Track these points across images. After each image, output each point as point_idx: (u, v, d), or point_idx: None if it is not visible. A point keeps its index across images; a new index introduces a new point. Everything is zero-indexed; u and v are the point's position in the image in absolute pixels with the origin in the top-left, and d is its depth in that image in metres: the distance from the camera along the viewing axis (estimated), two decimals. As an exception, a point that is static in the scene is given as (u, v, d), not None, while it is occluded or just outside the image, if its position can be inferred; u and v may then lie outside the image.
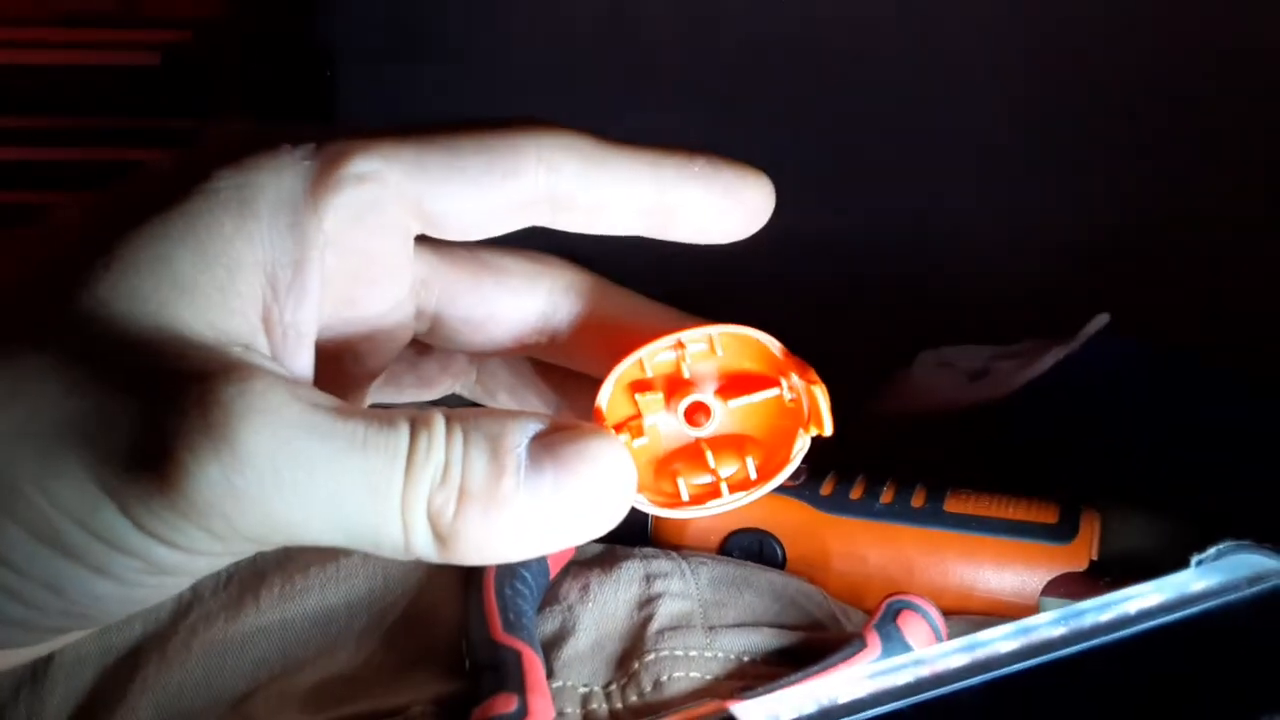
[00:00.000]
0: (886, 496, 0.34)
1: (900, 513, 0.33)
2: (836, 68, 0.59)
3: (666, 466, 0.24)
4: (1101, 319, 0.45)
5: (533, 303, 0.24)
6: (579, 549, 0.32)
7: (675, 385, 0.24)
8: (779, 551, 0.34)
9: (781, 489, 0.35)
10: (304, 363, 0.22)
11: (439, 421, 0.20)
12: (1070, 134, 0.57)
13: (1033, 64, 0.56)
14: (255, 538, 0.19)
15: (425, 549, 0.20)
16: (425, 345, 0.26)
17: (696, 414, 0.23)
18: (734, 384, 0.24)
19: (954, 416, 0.45)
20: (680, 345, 0.23)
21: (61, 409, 0.18)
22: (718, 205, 0.23)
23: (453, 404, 0.26)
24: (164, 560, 0.19)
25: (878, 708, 0.19)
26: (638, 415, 0.23)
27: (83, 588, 0.19)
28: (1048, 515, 0.33)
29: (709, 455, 0.23)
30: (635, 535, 0.34)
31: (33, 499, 0.18)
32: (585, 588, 0.29)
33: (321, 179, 0.21)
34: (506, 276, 0.24)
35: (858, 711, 0.19)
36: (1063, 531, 0.32)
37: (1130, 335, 0.45)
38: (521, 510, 0.19)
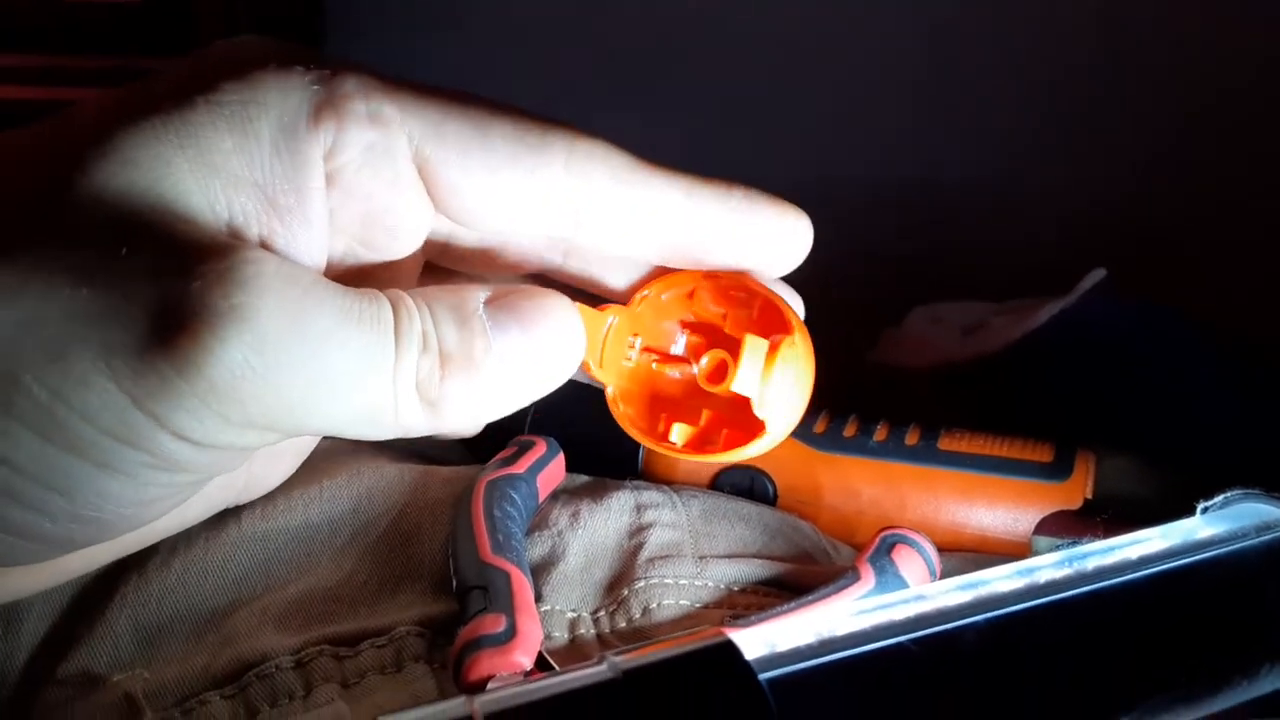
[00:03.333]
0: (880, 434, 0.34)
1: (894, 450, 0.33)
2: (842, 26, 0.58)
3: (660, 401, 0.25)
4: (1097, 274, 0.44)
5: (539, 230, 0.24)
6: (569, 478, 0.31)
7: (714, 335, 0.25)
8: (770, 488, 0.34)
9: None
10: None
11: (407, 296, 0.20)
12: (1071, 93, 0.56)
13: (1035, 24, 0.55)
14: (264, 422, 0.19)
15: (415, 417, 0.20)
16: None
17: (717, 372, 0.24)
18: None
19: (947, 371, 0.45)
20: (709, 278, 0.24)
21: (71, 299, 0.18)
22: (753, 242, 0.23)
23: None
24: (173, 453, 0.19)
25: (877, 641, 0.19)
26: (666, 353, 0.25)
27: (89, 486, 0.19)
28: (1042, 454, 0.32)
29: (703, 414, 0.24)
30: (626, 468, 0.34)
31: (36, 393, 0.18)
32: (576, 514, 0.29)
33: (327, 107, 0.21)
34: None
35: (856, 644, 0.19)
36: (1057, 470, 0.32)
37: (1126, 293, 0.45)
38: (496, 365, 0.21)
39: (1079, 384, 0.40)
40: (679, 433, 0.25)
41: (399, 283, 0.23)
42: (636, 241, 0.23)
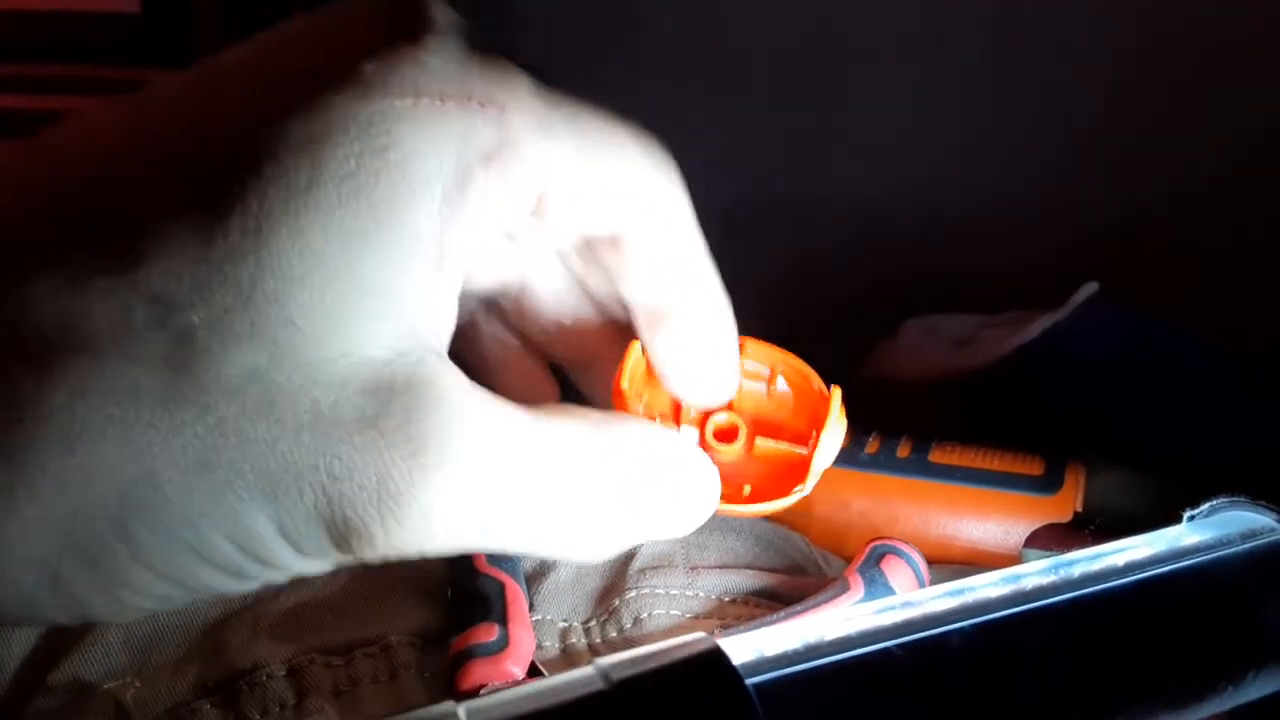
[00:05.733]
0: (872, 447, 0.34)
1: (885, 462, 0.33)
2: (833, 40, 0.58)
3: None
4: (1090, 287, 0.45)
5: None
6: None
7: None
8: (761, 499, 0.34)
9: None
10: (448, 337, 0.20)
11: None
12: (1062, 105, 0.56)
13: (1024, 38, 0.56)
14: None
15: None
16: None
17: (724, 436, 0.25)
18: (765, 420, 0.26)
19: (940, 384, 0.45)
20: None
21: (248, 454, 0.17)
22: (697, 360, 0.24)
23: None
24: (304, 569, 0.19)
25: (863, 646, 0.19)
26: (674, 413, 0.25)
27: (215, 587, 0.19)
28: (1033, 467, 0.33)
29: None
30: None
31: (201, 528, 0.18)
32: (567, 525, 0.29)
33: (497, 161, 0.19)
34: None
35: (843, 649, 0.19)
36: (1047, 483, 0.32)
37: (1120, 302, 0.45)
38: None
39: (1071, 397, 0.41)
40: None
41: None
42: (629, 281, 0.23)
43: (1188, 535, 0.22)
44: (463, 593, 0.25)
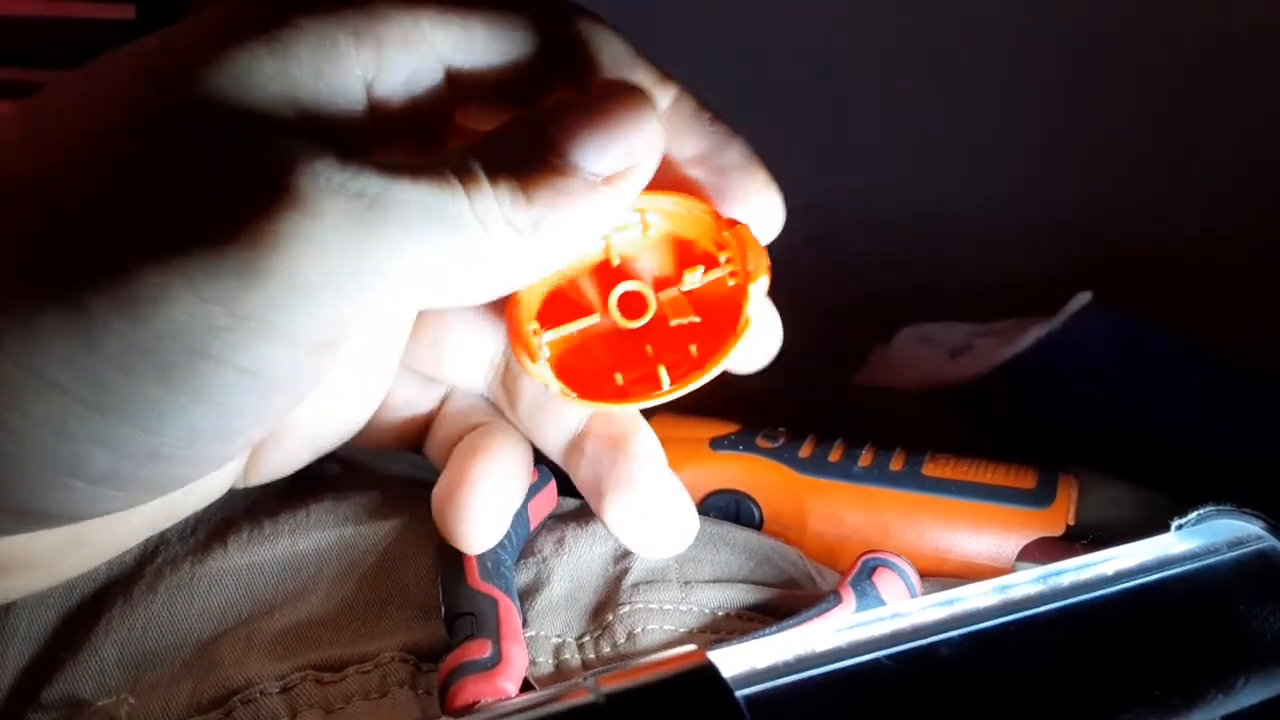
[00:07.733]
0: (865, 459, 0.34)
1: (879, 476, 0.33)
2: (834, 50, 0.59)
3: (603, 363, 0.23)
4: (1083, 297, 0.45)
5: None
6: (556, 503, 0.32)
7: (605, 273, 0.23)
8: (756, 513, 0.34)
9: (760, 450, 0.35)
10: None
11: (476, 169, 0.20)
12: (1056, 117, 0.57)
13: (1020, 49, 0.56)
14: (349, 299, 0.19)
15: (511, 252, 0.20)
16: None
17: (632, 305, 0.23)
18: (668, 258, 0.23)
19: (934, 392, 0.45)
20: None
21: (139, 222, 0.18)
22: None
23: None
24: (259, 351, 0.19)
25: (853, 657, 0.19)
26: (572, 315, 0.22)
27: (176, 418, 0.19)
28: (1025, 480, 0.33)
29: (648, 348, 0.23)
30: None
31: (112, 323, 0.18)
32: (561, 540, 0.29)
33: (368, 34, 0.21)
34: None
35: (833, 661, 0.19)
36: (1040, 496, 0.32)
37: (1112, 311, 0.45)
38: (580, 176, 0.20)
39: (1065, 405, 0.41)
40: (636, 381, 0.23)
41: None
42: None
43: (1175, 544, 0.22)
44: (456, 610, 0.25)
